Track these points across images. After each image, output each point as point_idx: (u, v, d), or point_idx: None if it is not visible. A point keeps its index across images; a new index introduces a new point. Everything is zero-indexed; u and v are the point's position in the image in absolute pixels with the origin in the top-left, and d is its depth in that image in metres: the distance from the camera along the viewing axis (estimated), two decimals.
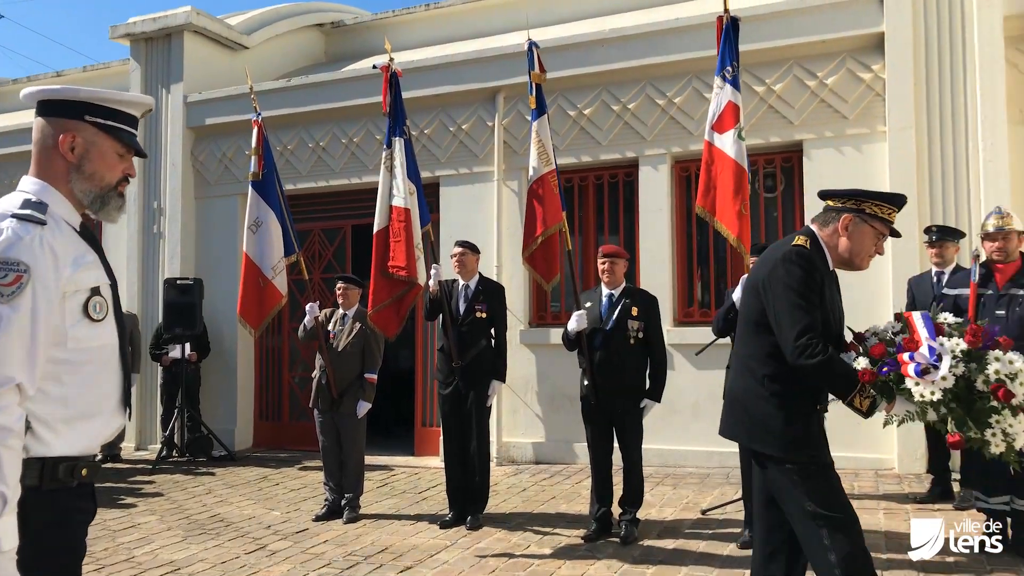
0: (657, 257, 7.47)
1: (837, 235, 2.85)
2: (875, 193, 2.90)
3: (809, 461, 2.77)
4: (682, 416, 7.23)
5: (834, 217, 2.87)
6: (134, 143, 2.02)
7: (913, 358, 2.55)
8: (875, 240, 2.86)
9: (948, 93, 6.50)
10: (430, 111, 8.32)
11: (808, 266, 2.75)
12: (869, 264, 2.94)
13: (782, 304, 2.73)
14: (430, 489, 6.74)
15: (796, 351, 2.66)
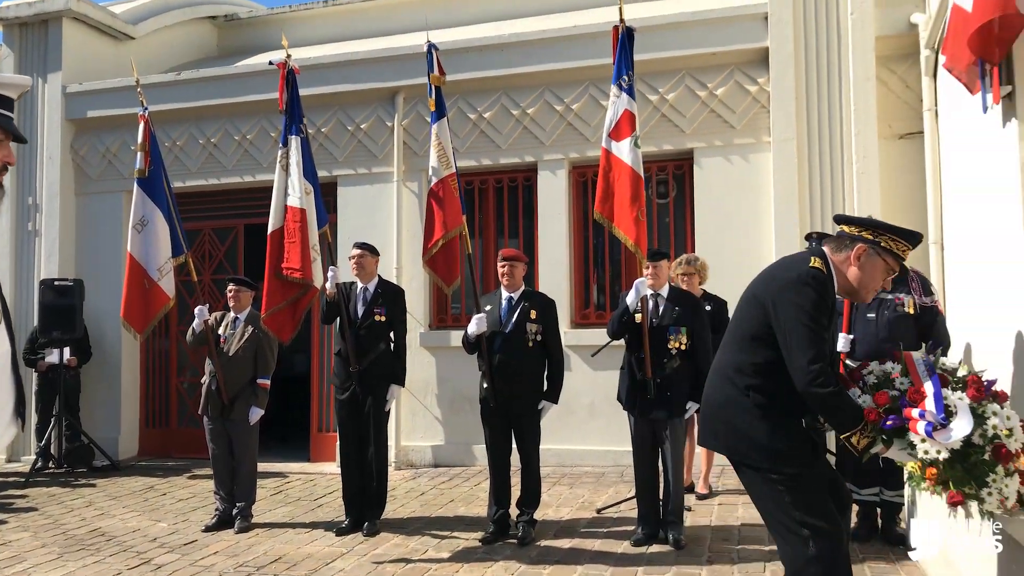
0: (555, 260, 7.59)
1: (848, 263, 2.81)
2: (894, 228, 2.84)
3: (795, 473, 2.74)
4: (578, 416, 7.37)
5: (848, 244, 2.83)
6: (11, 127, 1.87)
7: (923, 416, 2.50)
8: (885, 274, 2.84)
9: (826, 107, 6.87)
10: (328, 110, 8.18)
11: (823, 291, 2.73)
12: (871, 298, 2.96)
13: (796, 326, 2.68)
14: (326, 496, 6.62)
15: (808, 376, 2.62)
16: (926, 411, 2.49)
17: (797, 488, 2.73)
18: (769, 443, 2.76)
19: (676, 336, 4.83)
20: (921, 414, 2.49)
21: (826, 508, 2.75)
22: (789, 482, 2.74)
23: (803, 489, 2.73)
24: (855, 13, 6.79)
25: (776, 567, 4.30)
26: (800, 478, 2.74)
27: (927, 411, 2.48)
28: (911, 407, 2.56)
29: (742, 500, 5.78)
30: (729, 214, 7.13)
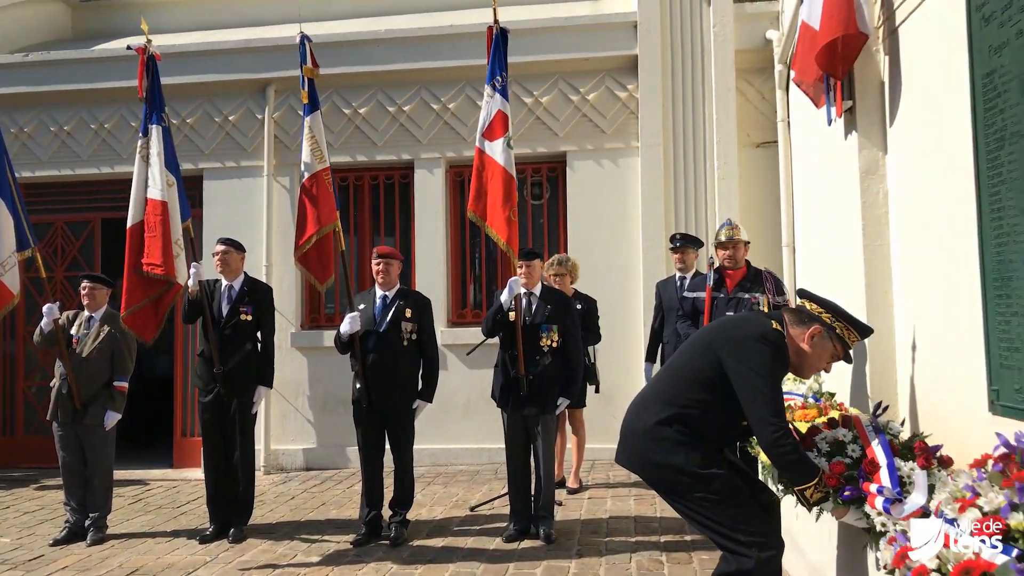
0: (432, 259, 7.58)
1: (802, 339, 2.94)
2: (851, 319, 3.02)
3: (722, 489, 2.86)
4: (453, 416, 7.39)
5: (806, 321, 2.96)
6: None
7: (881, 492, 2.54)
8: (830, 359, 2.99)
9: (690, 116, 7.21)
10: (194, 100, 7.84)
11: (782, 356, 2.89)
12: (811, 377, 3.15)
13: (760, 382, 2.80)
14: (190, 503, 6.34)
15: (771, 430, 2.75)
16: (883, 487, 2.54)
17: (727, 504, 2.84)
18: (686, 466, 2.86)
19: (548, 334, 4.93)
20: (879, 489, 2.54)
21: (761, 519, 2.90)
22: (718, 498, 2.85)
23: (734, 504, 2.85)
24: (717, 27, 7.16)
25: (640, 558, 4.48)
26: (727, 494, 2.85)
27: (884, 487, 2.53)
28: (868, 481, 2.65)
29: (611, 494, 5.98)
30: (600, 215, 7.35)
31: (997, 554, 1.72)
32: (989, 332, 3.16)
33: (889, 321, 4.40)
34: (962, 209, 3.36)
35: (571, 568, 4.35)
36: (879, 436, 2.86)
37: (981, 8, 3.18)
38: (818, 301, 3.04)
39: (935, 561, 1.84)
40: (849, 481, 2.75)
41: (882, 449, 2.78)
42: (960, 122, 3.38)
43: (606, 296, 6.68)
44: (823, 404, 3.89)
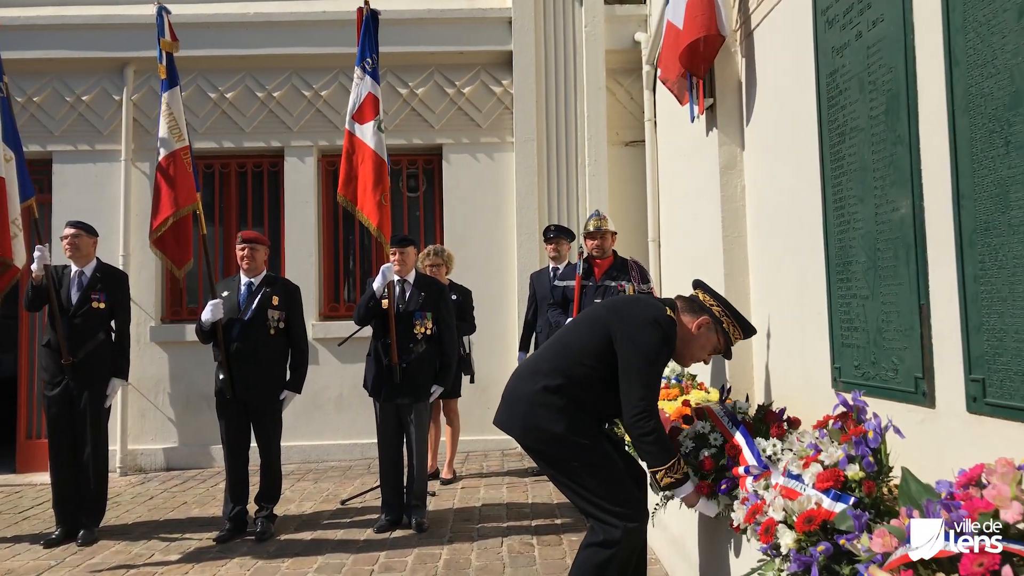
0: (303, 250, 7.38)
1: (691, 327, 3.05)
2: (739, 317, 3.16)
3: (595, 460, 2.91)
4: (325, 411, 7.23)
5: (698, 311, 3.08)
6: None
7: (748, 471, 2.63)
8: (711, 351, 3.12)
9: (563, 113, 7.37)
10: (42, 77, 7.30)
11: (670, 342, 2.95)
12: (690, 364, 3.21)
13: (642, 364, 2.87)
14: (35, 507, 5.89)
15: (636, 411, 2.84)
16: (749, 466, 2.66)
17: (600, 474, 2.89)
18: (567, 434, 2.90)
19: (422, 321, 4.91)
20: (746, 469, 2.66)
21: (629, 491, 2.96)
22: (592, 468, 2.90)
23: (606, 475, 2.90)
24: (589, 27, 7.35)
25: (512, 542, 4.53)
26: (602, 465, 2.91)
27: (750, 465, 2.65)
28: (736, 465, 2.77)
29: (484, 483, 6.02)
30: (475, 208, 7.39)
31: (836, 504, 1.86)
32: (832, 314, 3.40)
33: (746, 308, 4.66)
34: (810, 200, 3.61)
35: (443, 554, 4.34)
36: (732, 420, 3.03)
37: (826, 12, 3.43)
38: (711, 294, 3.16)
39: (781, 513, 1.96)
40: (721, 473, 2.89)
41: (739, 431, 2.94)
42: (807, 118, 3.62)
43: (481, 287, 6.73)
44: (685, 384, 4.07)
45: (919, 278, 2.67)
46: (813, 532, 1.82)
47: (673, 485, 2.87)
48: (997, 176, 2.23)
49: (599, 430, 3.05)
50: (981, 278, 2.32)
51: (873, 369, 3.01)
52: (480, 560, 4.22)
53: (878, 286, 2.96)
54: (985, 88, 2.27)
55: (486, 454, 7.06)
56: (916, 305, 2.68)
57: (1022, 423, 2.16)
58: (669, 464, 2.85)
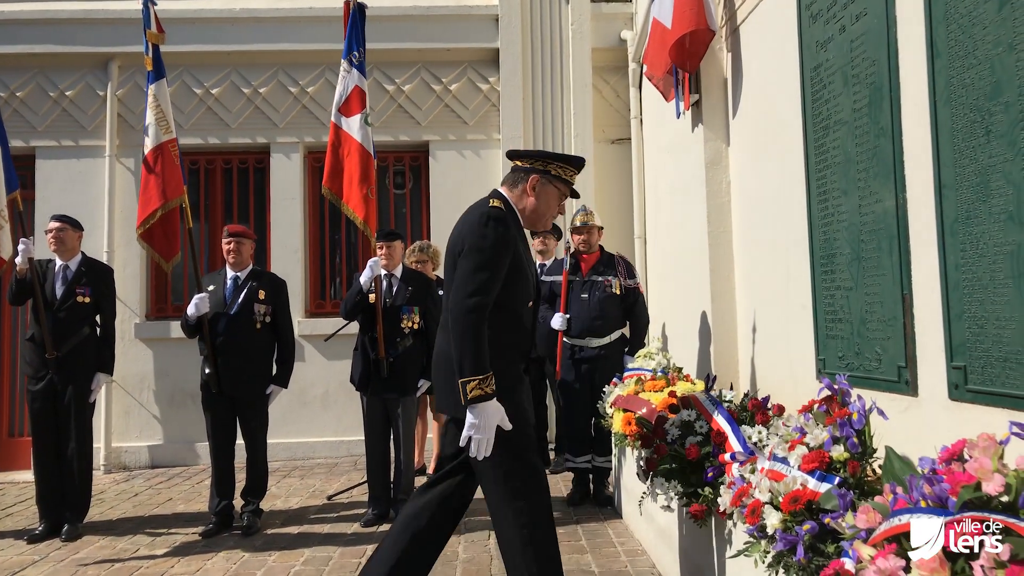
0: (289, 247, 7.36)
1: (525, 195, 2.90)
2: (559, 155, 2.98)
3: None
4: (311, 408, 7.22)
5: (522, 178, 2.91)
6: None
7: (734, 457, 2.62)
8: (559, 200, 2.97)
9: (550, 110, 7.39)
10: (24, 72, 7.24)
11: (503, 229, 2.72)
12: (551, 224, 3.00)
13: (466, 263, 2.69)
14: (17, 505, 5.83)
15: (461, 308, 2.62)
16: (735, 452, 2.65)
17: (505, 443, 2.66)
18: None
19: (409, 316, 4.91)
20: (732, 456, 2.65)
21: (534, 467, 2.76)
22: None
23: (510, 445, 2.69)
24: (575, 24, 7.38)
25: None
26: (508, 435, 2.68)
27: (736, 452, 2.65)
28: (722, 452, 2.76)
29: None
30: (462, 205, 7.17)
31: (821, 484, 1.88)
32: (817, 306, 3.45)
33: (731, 303, 4.71)
34: (794, 194, 3.65)
35: None
36: (718, 407, 3.06)
37: (810, 6, 3.47)
38: (525, 155, 2.99)
39: (767, 494, 1.99)
40: (707, 459, 2.91)
41: (723, 418, 2.97)
42: (792, 113, 3.67)
43: None
44: (671, 376, 4.10)
45: (902, 268, 2.71)
46: (799, 512, 1.84)
47: (480, 399, 2.57)
48: (978, 165, 2.27)
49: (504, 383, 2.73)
50: (963, 266, 2.37)
51: (857, 359, 3.05)
52: (467, 553, 4.23)
53: (862, 277, 3.00)
54: (966, 79, 2.31)
55: None
56: (899, 295, 2.72)
57: (1003, 409, 2.20)
58: (483, 376, 2.59)
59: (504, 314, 2.76)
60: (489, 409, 2.58)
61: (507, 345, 2.77)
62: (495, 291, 2.70)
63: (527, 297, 2.89)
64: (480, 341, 2.61)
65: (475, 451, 2.56)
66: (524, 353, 2.89)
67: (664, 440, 3.08)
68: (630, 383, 4.40)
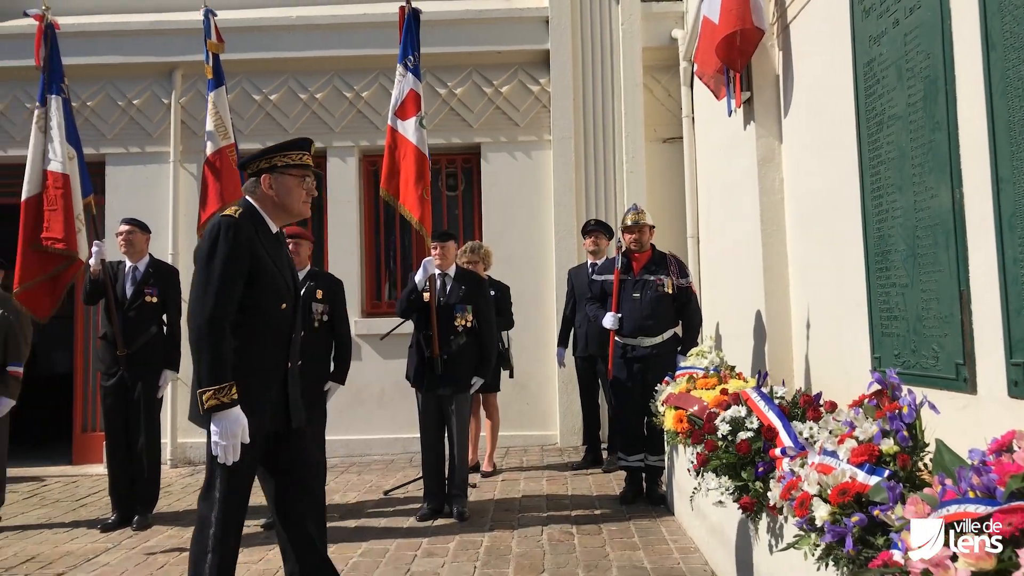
0: (346, 249, 7.53)
1: (265, 195, 2.95)
2: (278, 146, 3.01)
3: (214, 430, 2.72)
4: (368, 406, 7.36)
5: (255, 182, 2.97)
6: None
7: (785, 452, 2.64)
8: (301, 184, 2.98)
9: (600, 110, 7.42)
10: (96, 82, 7.56)
11: (233, 235, 2.77)
12: (308, 208, 3.08)
13: (198, 279, 2.76)
14: (91, 496, 6.11)
15: (196, 322, 2.68)
16: (785, 447, 2.66)
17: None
18: None
19: (462, 314, 5.00)
20: (783, 451, 2.66)
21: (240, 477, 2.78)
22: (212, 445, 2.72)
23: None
24: (625, 24, 7.39)
25: (552, 530, 4.59)
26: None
27: (786, 447, 2.65)
28: (772, 447, 2.77)
29: (523, 476, 6.09)
30: (513, 206, 7.47)
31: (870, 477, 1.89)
32: (872, 304, 3.41)
33: (785, 301, 4.67)
34: (848, 190, 3.63)
35: (484, 541, 4.42)
36: (768, 403, 3.05)
37: (862, 1, 3.44)
38: (248, 162, 3.02)
39: (816, 487, 2.01)
40: (758, 455, 2.91)
41: (774, 413, 2.97)
42: (845, 109, 3.64)
43: (519, 285, 6.80)
44: (723, 374, 4.10)
45: (959, 264, 2.67)
46: (847, 504, 1.85)
47: (218, 408, 2.62)
48: None
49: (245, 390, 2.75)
50: (1021, 261, 2.33)
51: (913, 357, 3.02)
52: (520, 547, 4.29)
53: (918, 274, 2.96)
54: (1023, 71, 2.28)
55: (526, 449, 7.14)
56: (956, 291, 2.69)
57: None
58: (219, 386, 2.63)
59: (252, 318, 2.81)
60: (230, 417, 2.63)
61: (256, 352, 2.82)
62: (232, 298, 2.73)
63: (277, 299, 2.88)
64: (216, 351, 2.66)
65: (222, 457, 2.62)
66: (276, 359, 2.89)
67: (714, 436, 3.09)
68: (682, 381, 4.41)
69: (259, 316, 2.83)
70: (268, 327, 2.86)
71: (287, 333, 2.94)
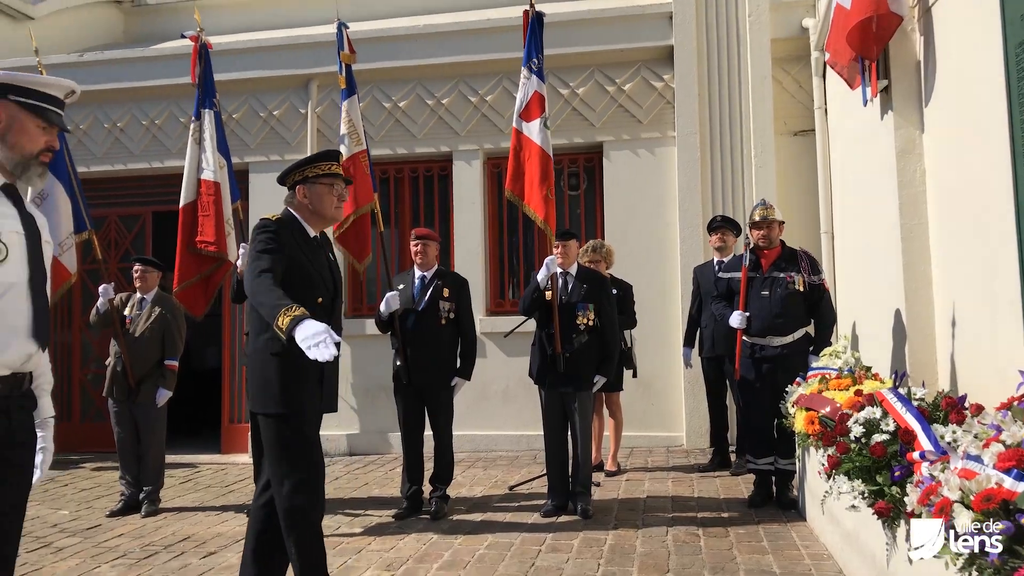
0: (471, 249, 7.70)
1: (302, 203, 3.28)
2: (308, 159, 3.34)
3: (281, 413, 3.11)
4: (492, 402, 7.50)
5: (293, 194, 3.31)
6: (54, 119, 2.35)
7: (924, 456, 2.57)
8: (332, 191, 3.29)
9: (727, 104, 7.24)
10: (239, 95, 8.08)
11: (269, 231, 3.15)
12: (340, 212, 3.43)
13: (249, 265, 3.11)
14: (238, 482, 6.54)
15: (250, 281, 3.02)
16: (925, 451, 2.58)
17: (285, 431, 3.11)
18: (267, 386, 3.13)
19: (584, 312, 5.02)
20: (921, 455, 2.58)
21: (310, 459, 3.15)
22: (277, 423, 3.12)
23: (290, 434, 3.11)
24: (752, 16, 7.19)
25: (677, 531, 4.54)
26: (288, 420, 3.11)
27: (926, 451, 2.58)
28: (910, 451, 2.68)
29: (648, 476, 6.04)
30: (636, 204, 7.41)
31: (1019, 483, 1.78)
32: None
33: (928, 300, 4.42)
34: (999, 181, 3.39)
35: (608, 540, 4.43)
36: (906, 405, 2.90)
37: None
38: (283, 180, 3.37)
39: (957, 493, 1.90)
40: (894, 458, 2.78)
41: (912, 416, 2.82)
42: (994, 95, 3.41)
43: (642, 284, 6.75)
44: (858, 374, 3.93)
45: None
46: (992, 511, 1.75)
47: (295, 320, 2.77)
48: None
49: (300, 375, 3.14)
50: None
51: None
52: (645, 547, 4.27)
53: None
54: None
55: (650, 450, 7.07)
56: None
57: None
58: (284, 309, 2.82)
59: None
60: (307, 324, 2.75)
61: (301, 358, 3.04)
62: (273, 266, 3.05)
63: (314, 294, 3.18)
64: (270, 292, 2.94)
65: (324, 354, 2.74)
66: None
67: (846, 438, 2.97)
68: (813, 382, 4.25)
69: None
70: None
71: (324, 322, 3.22)
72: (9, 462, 2.24)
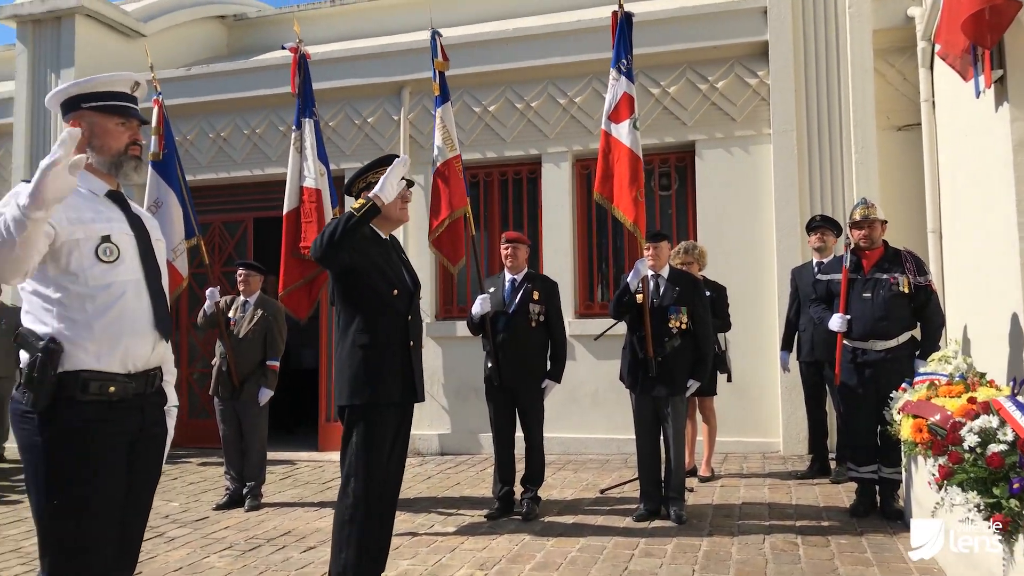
0: (560, 251, 7.70)
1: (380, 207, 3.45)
2: (370, 166, 3.59)
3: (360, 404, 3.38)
4: (582, 405, 7.48)
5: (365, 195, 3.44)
6: (129, 112, 2.42)
7: None
8: (397, 198, 3.44)
9: (825, 99, 7.00)
10: (335, 104, 8.33)
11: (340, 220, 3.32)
12: (406, 214, 3.65)
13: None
14: (335, 479, 6.72)
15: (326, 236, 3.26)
16: None
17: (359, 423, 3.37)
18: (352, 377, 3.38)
19: (677, 316, 4.94)
20: None
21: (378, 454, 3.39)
22: (354, 415, 3.39)
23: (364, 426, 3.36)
24: (853, 7, 6.93)
25: (774, 539, 4.41)
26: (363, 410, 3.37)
27: None
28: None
29: (744, 483, 5.90)
30: (730, 204, 7.25)
31: None
32: None
33: None
34: None
35: (702, 546, 4.34)
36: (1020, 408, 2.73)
37: None
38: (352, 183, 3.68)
39: None
40: (1013, 470, 2.63)
41: None
42: None
43: (737, 285, 6.59)
44: (971, 381, 3.73)
45: None
46: None
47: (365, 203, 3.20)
48: None
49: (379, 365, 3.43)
50: None
51: None
52: (741, 554, 4.17)
53: None
54: None
55: (745, 456, 6.90)
56: None
57: None
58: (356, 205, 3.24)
59: (371, 302, 3.42)
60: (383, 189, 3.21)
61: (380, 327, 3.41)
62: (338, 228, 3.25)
63: (389, 286, 3.45)
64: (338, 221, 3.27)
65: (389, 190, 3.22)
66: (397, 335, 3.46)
67: (959, 447, 2.82)
68: (921, 388, 4.06)
69: (377, 299, 3.43)
70: (385, 308, 3.45)
71: (404, 314, 3.50)
72: (141, 454, 2.38)
